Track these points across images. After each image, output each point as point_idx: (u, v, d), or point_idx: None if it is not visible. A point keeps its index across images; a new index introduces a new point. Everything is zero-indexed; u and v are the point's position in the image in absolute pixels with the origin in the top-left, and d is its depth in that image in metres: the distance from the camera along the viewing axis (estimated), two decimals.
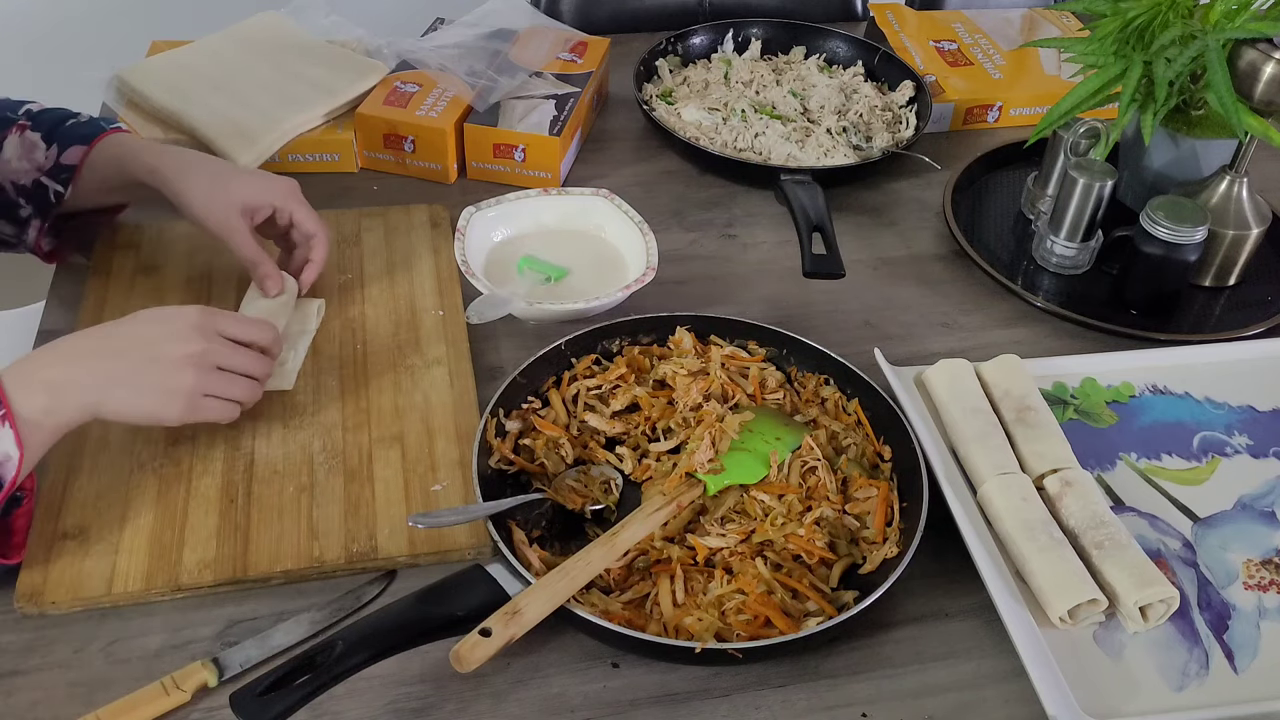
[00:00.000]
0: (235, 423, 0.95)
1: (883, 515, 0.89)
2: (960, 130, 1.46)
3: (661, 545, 0.87)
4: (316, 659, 0.73)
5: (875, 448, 0.96)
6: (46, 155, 1.06)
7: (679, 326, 1.04)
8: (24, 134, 1.07)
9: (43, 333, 1.05)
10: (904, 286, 1.20)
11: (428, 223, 1.21)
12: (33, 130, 1.07)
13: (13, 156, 1.07)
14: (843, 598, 0.85)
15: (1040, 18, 1.63)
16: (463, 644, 0.74)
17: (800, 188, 1.21)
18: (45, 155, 1.06)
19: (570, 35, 1.46)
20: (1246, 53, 1.08)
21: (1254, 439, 1.01)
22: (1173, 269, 1.12)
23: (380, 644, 0.75)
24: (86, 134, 1.07)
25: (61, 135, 1.07)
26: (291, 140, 1.27)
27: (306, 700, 0.72)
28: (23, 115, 1.08)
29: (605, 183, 1.26)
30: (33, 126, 1.07)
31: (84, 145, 1.06)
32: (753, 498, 0.90)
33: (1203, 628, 0.86)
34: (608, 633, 0.79)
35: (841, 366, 1.00)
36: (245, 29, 1.41)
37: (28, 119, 1.08)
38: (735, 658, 0.79)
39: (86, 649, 0.80)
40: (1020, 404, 0.98)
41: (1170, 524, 0.93)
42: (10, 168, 1.07)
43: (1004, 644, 0.82)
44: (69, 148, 1.06)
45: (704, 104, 1.40)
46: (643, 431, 0.97)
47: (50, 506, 0.88)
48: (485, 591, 0.79)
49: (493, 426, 0.93)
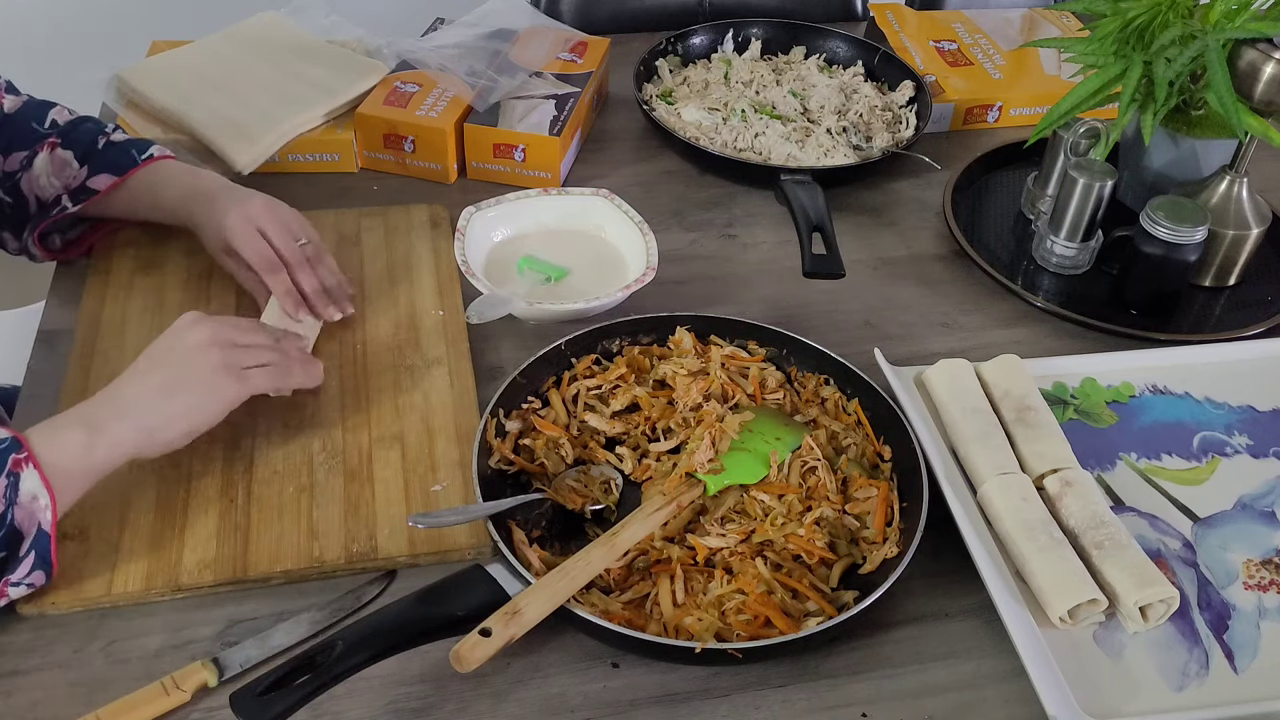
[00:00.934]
0: (235, 423, 0.95)
1: (883, 515, 0.89)
2: (960, 130, 1.46)
3: (661, 545, 0.87)
4: (316, 659, 0.73)
5: (875, 448, 0.96)
6: (75, 176, 1.07)
7: (679, 326, 1.04)
8: (54, 151, 1.07)
9: (43, 332, 1.05)
10: (904, 286, 1.20)
11: (428, 223, 1.21)
12: (64, 148, 1.07)
13: (42, 173, 1.07)
14: (843, 598, 0.85)
15: (1040, 18, 1.63)
16: (463, 644, 0.74)
17: (800, 188, 1.21)
18: (74, 175, 1.07)
19: (570, 35, 1.46)
20: (1246, 53, 1.08)
21: (1254, 439, 1.01)
22: (1173, 269, 1.12)
23: (380, 644, 0.75)
24: (120, 162, 1.07)
25: (96, 159, 1.07)
26: (291, 140, 1.27)
27: (306, 700, 0.72)
28: (50, 129, 1.08)
29: (605, 183, 1.26)
30: (63, 144, 1.07)
31: (115, 175, 1.06)
32: (753, 498, 0.91)
33: (1203, 628, 0.86)
34: (608, 633, 0.79)
35: (841, 366, 1.00)
36: (245, 29, 1.41)
37: (57, 135, 1.08)
38: (735, 658, 0.79)
39: (86, 649, 0.80)
40: (1020, 404, 0.98)
41: (1170, 524, 0.93)
42: (39, 183, 1.07)
43: (1004, 644, 0.82)
44: (99, 173, 1.06)
45: (704, 104, 1.40)
46: (643, 431, 0.97)
47: None
48: (485, 591, 0.79)
49: (493, 427, 0.93)
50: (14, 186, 1.08)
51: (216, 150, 1.23)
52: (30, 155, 1.07)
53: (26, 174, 1.07)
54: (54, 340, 1.04)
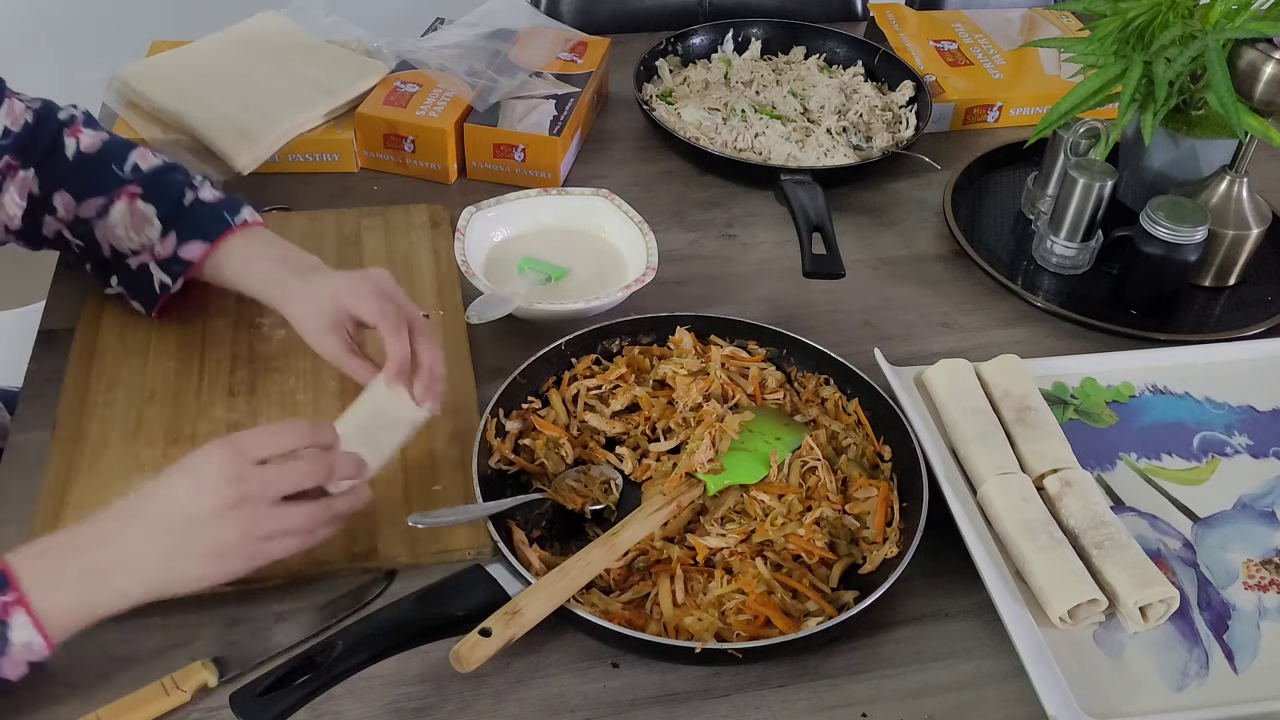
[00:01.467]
0: (235, 423, 0.95)
1: (883, 515, 0.89)
2: (960, 130, 1.46)
3: (661, 545, 0.87)
4: (316, 659, 0.73)
5: (875, 448, 0.96)
6: (162, 242, 0.98)
7: (679, 326, 1.04)
8: (134, 203, 0.98)
9: (43, 332, 1.05)
10: (904, 286, 1.20)
11: (428, 223, 1.21)
12: (145, 200, 0.99)
13: (120, 223, 0.99)
14: (843, 598, 0.85)
15: (1040, 18, 1.63)
16: (462, 644, 0.74)
17: (800, 188, 1.21)
18: (160, 240, 0.98)
19: (570, 35, 1.46)
20: (1246, 53, 1.08)
21: (1254, 439, 1.01)
22: (1173, 269, 1.12)
23: (380, 644, 0.75)
24: (209, 229, 0.98)
25: (182, 222, 0.98)
26: (291, 140, 1.27)
27: (306, 700, 0.72)
28: (132, 174, 1.00)
29: (605, 183, 1.26)
30: (145, 195, 0.99)
31: (206, 242, 0.98)
32: (753, 498, 0.91)
33: (1203, 628, 0.86)
34: (608, 633, 0.79)
35: (841, 366, 1.00)
36: (245, 29, 1.41)
37: (139, 183, 0.99)
38: (735, 658, 0.79)
39: (86, 649, 0.80)
40: (1020, 404, 0.98)
41: (1170, 524, 0.93)
42: (114, 233, 0.99)
43: (1004, 644, 0.82)
44: (190, 240, 0.98)
45: (704, 104, 1.40)
46: (643, 431, 0.97)
47: (50, 507, 0.88)
48: (485, 591, 0.79)
49: (493, 426, 0.93)
50: (88, 232, 1.00)
51: (216, 150, 1.23)
52: (107, 203, 0.99)
53: (102, 222, 0.99)
54: (54, 340, 1.04)
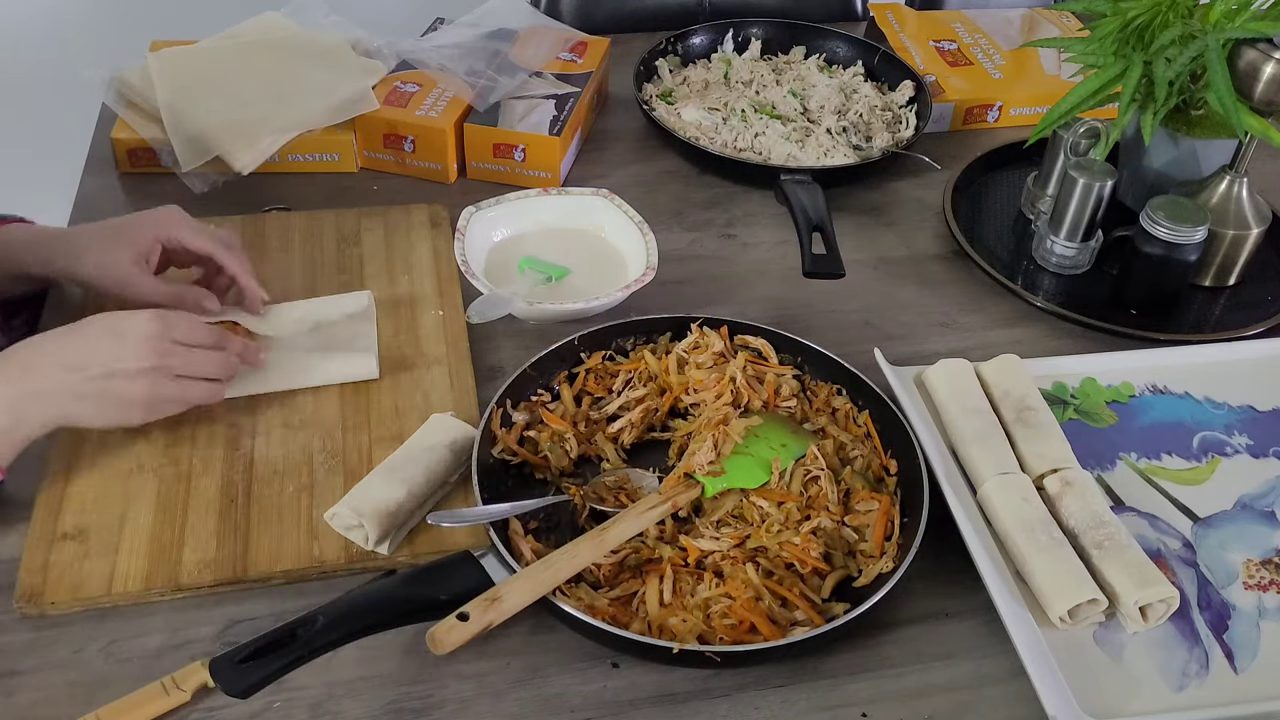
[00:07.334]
0: (235, 423, 0.95)
1: (882, 529, 0.88)
2: (960, 130, 1.46)
3: (654, 544, 0.87)
4: (298, 632, 0.74)
5: (882, 461, 0.95)
6: None
7: (707, 327, 1.03)
8: None
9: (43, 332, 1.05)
10: (904, 286, 1.20)
11: (428, 223, 1.21)
12: None
13: None
14: (833, 609, 0.84)
15: (1040, 18, 1.63)
16: (439, 626, 0.74)
17: (800, 188, 1.21)
18: None
19: (570, 35, 1.46)
20: (1246, 53, 1.08)
21: (1254, 439, 1.01)
22: (1173, 269, 1.12)
23: (361, 621, 0.76)
24: None
25: None
26: (291, 140, 1.27)
27: (284, 671, 0.73)
28: None
29: (605, 183, 1.26)
30: None
31: None
32: (752, 503, 0.90)
33: (1203, 628, 0.86)
34: (593, 629, 0.78)
35: (854, 377, 0.99)
36: (245, 29, 1.41)
37: None
38: (713, 660, 0.78)
39: (86, 649, 0.80)
40: (1020, 404, 0.98)
41: (1170, 524, 0.93)
42: None
43: (1004, 644, 0.82)
44: None
45: (704, 104, 1.40)
46: (650, 429, 0.97)
47: (50, 506, 0.88)
48: (471, 578, 0.80)
49: (498, 416, 0.93)
50: None
51: (217, 150, 1.23)
52: None
53: None
54: None
